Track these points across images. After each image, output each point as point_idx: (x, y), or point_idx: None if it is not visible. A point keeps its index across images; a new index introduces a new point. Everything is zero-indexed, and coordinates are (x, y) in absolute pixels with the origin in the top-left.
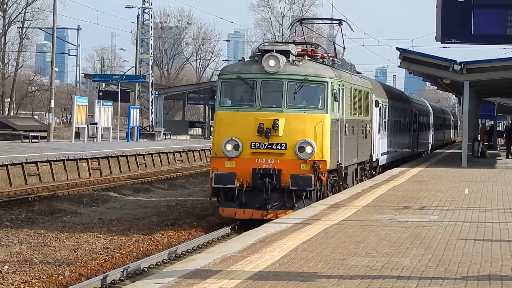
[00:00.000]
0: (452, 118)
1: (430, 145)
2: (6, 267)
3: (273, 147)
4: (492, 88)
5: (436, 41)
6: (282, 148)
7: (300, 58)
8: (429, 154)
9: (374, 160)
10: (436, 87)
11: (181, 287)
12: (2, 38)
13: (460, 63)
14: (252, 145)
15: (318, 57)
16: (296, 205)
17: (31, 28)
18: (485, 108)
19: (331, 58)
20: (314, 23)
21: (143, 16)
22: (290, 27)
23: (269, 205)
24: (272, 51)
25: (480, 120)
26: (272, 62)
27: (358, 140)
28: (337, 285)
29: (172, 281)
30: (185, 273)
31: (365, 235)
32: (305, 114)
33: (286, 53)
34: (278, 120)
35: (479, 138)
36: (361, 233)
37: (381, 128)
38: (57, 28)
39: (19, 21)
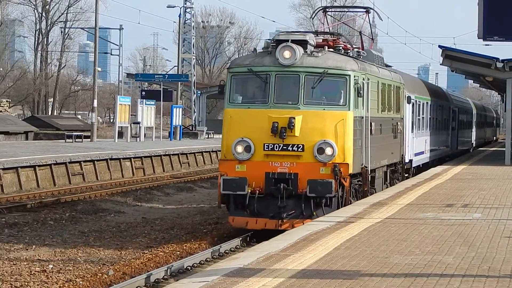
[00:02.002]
0: (494, 115)
1: (471, 143)
2: (51, 266)
3: (288, 148)
4: None
5: (478, 38)
6: (299, 149)
7: (319, 49)
8: (471, 153)
9: (407, 161)
10: (478, 85)
11: (225, 286)
12: (45, 39)
13: (503, 61)
14: (266, 147)
15: (340, 47)
16: (314, 213)
17: (74, 28)
18: None
19: (355, 49)
20: (339, 11)
21: (185, 15)
22: (312, 16)
23: (284, 214)
24: (287, 41)
25: None
26: (287, 53)
27: (387, 139)
28: (380, 283)
29: (216, 279)
30: (228, 272)
31: (408, 233)
32: (324, 112)
33: (303, 43)
34: (294, 118)
35: None
36: (404, 231)
37: (414, 126)
38: (99, 28)
39: (61, 21)
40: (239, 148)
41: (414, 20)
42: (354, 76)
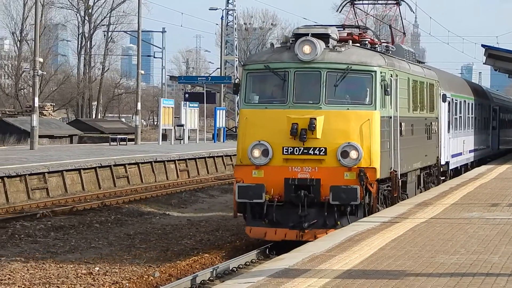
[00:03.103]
0: None
1: None
2: (97, 268)
3: (309, 152)
4: None
5: None
6: (321, 153)
7: (343, 43)
8: None
9: (443, 163)
10: None
11: (270, 286)
12: (88, 42)
13: None
14: (285, 150)
15: (367, 42)
16: (338, 223)
17: (117, 31)
18: None
19: (384, 44)
20: (367, 3)
21: (227, 17)
22: (340, 9)
23: (305, 224)
24: (307, 34)
25: None
26: (307, 48)
27: (420, 141)
28: (426, 283)
29: (261, 280)
30: (274, 273)
31: (453, 233)
32: (348, 111)
33: (324, 37)
34: (315, 119)
35: None
36: (449, 231)
37: (451, 126)
38: (142, 31)
39: (104, 25)
40: (256, 152)
41: (457, 20)
42: (381, 72)
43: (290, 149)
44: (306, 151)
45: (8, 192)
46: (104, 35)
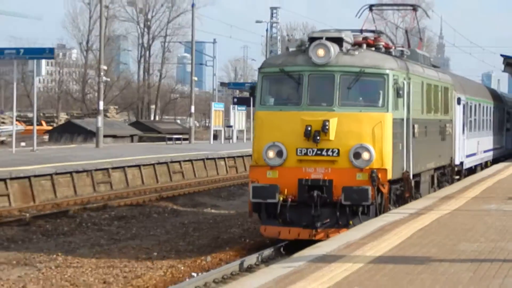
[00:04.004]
0: None
1: None
2: (155, 253)
3: (323, 153)
4: None
5: None
6: (334, 154)
7: (356, 47)
8: None
9: (458, 163)
10: None
11: (310, 270)
12: (147, 52)
13: None
14: (299, 152)
15: (381, 46)
16: (351, 222)
17: (173, 42)
18: None
19: (398, 48)
20: (385, 9)
21: (271, 30)
22: (359, 15)
23: (318, 223)
24: (321, 38)
25: None
26: (321, 52)
27: (433, 142)
28: (449, 268)
29: (302, 264)
30: (313, 258)
31: (473, 223)
32: (361, 114)
33: (338, 41)
34: (328, 121)
35: None
36: (470, 221)
37: (465, 127)
38: (195, 42)
39: (161, 36)
40: (271, 153)
41: (479, 32)
42: (394, 76)
43: (304, 150)
44: (319, 152)
45: (76, 185)
46: (161, 45)
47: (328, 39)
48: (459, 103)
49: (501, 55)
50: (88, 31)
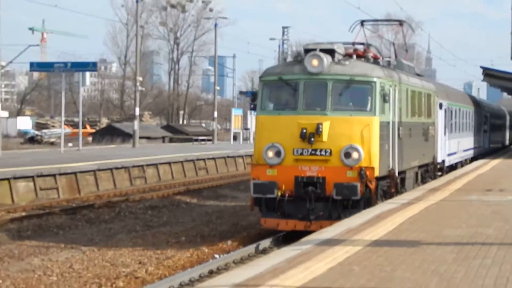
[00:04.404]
0: None
1: (504, 142)
2: (183, 238)
3: (317, 153)
4: None
5: (511, 59)
6: (327, 154)
7: (347, 57)
8: (505, 149)
9: (440, 161)
10: (511, 96)
11: (316, 252)
12: (176, 65)
13: None
14: (295, 152)
15: (370, 56)
16: (341, 215)
17: (198, 57)
18: None
19: (386, 59)
20: (375, 24)
21: (283, 46)
22: (351, 29)
23: (312, 216)
24: (315, 50)
25: None
26: (315, 62)
27: (417, 142)
28: (435, 250)
29: (309, 247)
30: (319, 242)
31: (457, 212)
32: (351, 117)
33: (331, 52)
34: (322, 124)
35: None
36: (454, 210)
37: (447, 129)
38: (218, 56)
39: (189, 51)
40: (270, 153)
41: (462, 45)
42: (380, 83)
43: (300, 151)
44: (313, 152)
45: (115, 180)
46: (189, 60)
47: (321, 50)
48: (441, 107)
49: (481, 67)
50: (126, 48)
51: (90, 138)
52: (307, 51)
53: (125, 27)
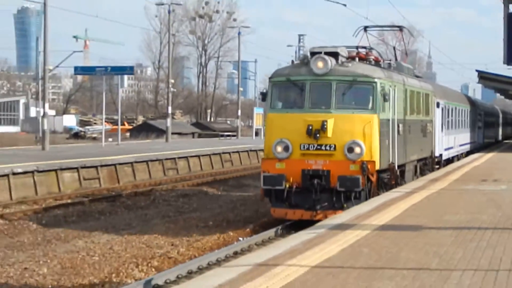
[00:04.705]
0: None
1: (498, 137)
2: (211, 222)
3: (322, 148)
4: None
5: (504, 63)
6: (331, 149)
7: (350, 60)
8: (498, 144)
9: (437, 155)
10: (503, 97)
11: (329, 236)
12: (204, 69)
13: None
14: (302, 147)
15: (371, 59)
16: (345, 205)
17: (223, 61)
18: None
19: (386, 61)
20: (377, 30)
21: (299, 52)
22: (355, 34)
23: (318, 206)
24: (320, 53)
25: None
26: (320, 64)
27: (416, 138)
28: (436, 233)
29: (323, 231)
30: (332, 226)
31: (455, 199)
32: (353, 115)
33: (335, 55)
34: (326, 121)
35: None
36: (452, 198)
37: (444, 126)
38: (241, 61)
39: (215, 57)
40: (279, 148)
41: (459, 51)
42: (381, 83)
43: (306, 146)
44: (319, 147)
45: (150, 171)
46: (215, 64)
47: (326, 53)
48: (438, 106)
49: (476, 70)
50: (159, 53)
51: (127, 134)
52: (313, 54)
53: (158, 35)
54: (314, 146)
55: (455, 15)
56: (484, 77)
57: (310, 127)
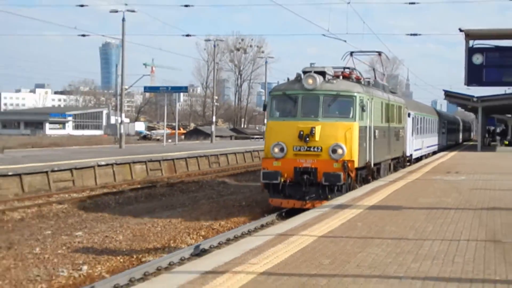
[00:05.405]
0: (471, 125)
1: (458, 140)
2: (243, 203)
3: (311, 149)
4: (493, 109)
5: (464, 85)
6: (318, 150)
7: (335, 77)
8: (459, 146)
9: (408, 155)
10: (464, 110)
11: (332, 213)
12: (240, 88)
13: (477, 97)
14: (294, 148)
15: (353, 77)
16: (329, 196)
17: (254, 83)
18: (490, 120)
19: (366, 79)
20: (361, 54)
21: None
22: (343, 58)
23: (307, 197)
24: (311, 72)
25: (487, 126)
26: (310, 81)
27: (390, 141)
28: (412, 212)
29: (327, 210)
30: (333, 206)
31: (427, 187)
32: (337, 123)
33: (322, 74)
34: (315, 127)
35: (486, 136)
36: (425, 186)
37: (414, 132)
38: (267, 82)
39: (248, 79)
40: (276, 150)
41: (431, 75)
42: (360, 97)
43: (298, 147)
44: (308, 149)
45: (199, 164)
46: (248, 85)
47: (315, 72)
48: (409, 116)
49: (443, 90)
50: (207, 77)
51: (182, 137)
52: (305, 72)
53: (206, 63)
54: (304, 148)
55: (429, 49)
56: (449, 95)
57: (301, 132)
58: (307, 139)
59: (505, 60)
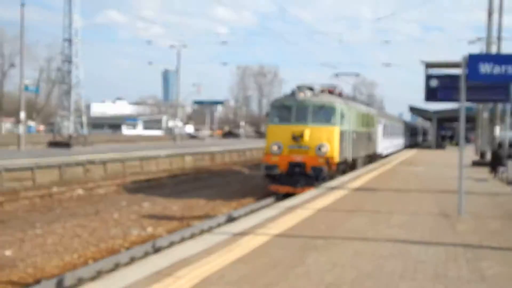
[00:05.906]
0: (428, 131)
1: (418, 142)
2: (263, 185)
3: (301, 147)
4: (444, 119)
5: (424, 101)
6: (307, 148)
7: (322, 92)
8: (419, 145)
9: (379, 152)
10: (423, 119)
11: (327, 193)
12: (261, 104)
13: (433, 111)
14: (289, 146)
15: (336, 92)
16: (315, 184)
17: (271, 98)
18: (441, 127)
19: (346, 95)
20: (343, 74)
21: None
22: (331, 78)
23: (298, 184)
24: (302, 87)
25: (439, 131)
26: (302, 94)
27: (364, 142)
28: (386, 193)
29: (324, 191)
30: (328, 188)
31: (396, 174)
32: (322, 127)
33: (311, 89)
34: (304, 130)
35: (439, 139)
36: (393, 174)
37: (384, 135)
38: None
39: (267, 97)
40: (274, 147)
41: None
42: (340, 107)
43: (292, 146)
44: (299, 147)
45: (232, 156)
46: (267, 100)
47: (306, 88)
48: (380, 123)
49: (408, 105)
50: (237, 93)
51: (220, 136)
52: (298, 88)
53: (237, 84)
54: (296, 146)
55: (398, 75)
56: (412, 108)
57: (294, 134)
58: (299, 139)
59: (453, 83)
